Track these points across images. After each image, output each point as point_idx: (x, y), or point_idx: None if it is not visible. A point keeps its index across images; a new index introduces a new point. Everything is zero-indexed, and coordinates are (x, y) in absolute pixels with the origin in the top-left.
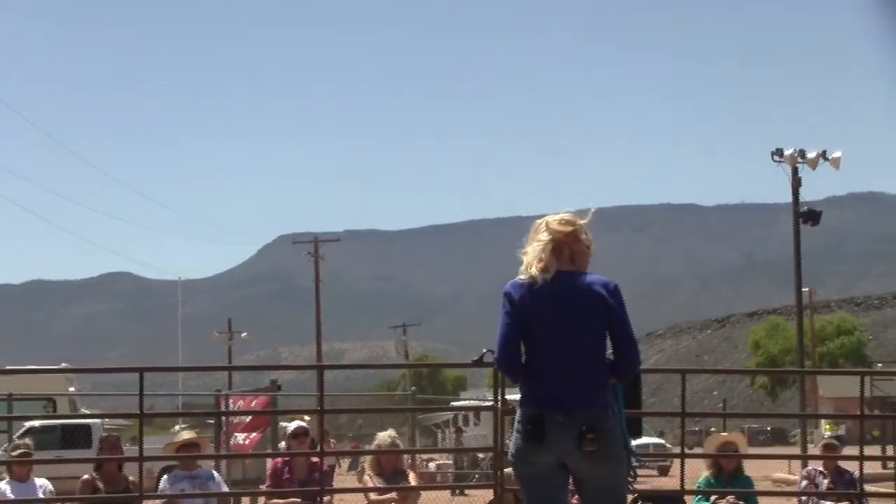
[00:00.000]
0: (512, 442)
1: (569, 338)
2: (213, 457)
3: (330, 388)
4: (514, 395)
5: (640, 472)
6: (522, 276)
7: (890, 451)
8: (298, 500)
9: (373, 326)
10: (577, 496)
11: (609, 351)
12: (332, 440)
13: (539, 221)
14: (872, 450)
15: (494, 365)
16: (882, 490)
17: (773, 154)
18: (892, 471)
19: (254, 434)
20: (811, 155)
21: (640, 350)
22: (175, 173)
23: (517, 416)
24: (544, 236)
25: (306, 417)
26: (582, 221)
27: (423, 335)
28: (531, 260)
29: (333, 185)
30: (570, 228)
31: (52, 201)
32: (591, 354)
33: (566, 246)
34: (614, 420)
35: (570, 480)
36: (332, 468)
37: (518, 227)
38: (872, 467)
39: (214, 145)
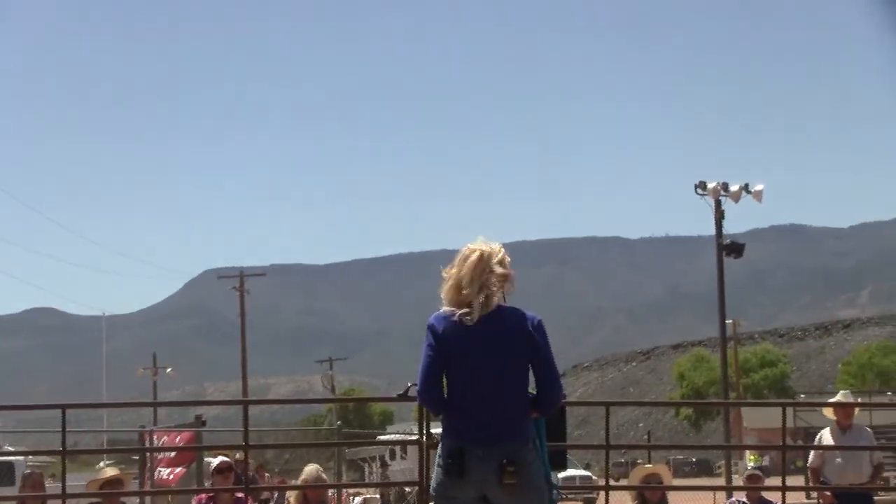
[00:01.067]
0: (434, 476)
1: (493, 372)
2: (136, 493)
3: (256, 423)
4: (439, 429)
5: None
6: (446, 309)
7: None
8: None
9: (298, 361)
10: None
11: (532, 385)
12: (266, 474)
13: (464, 251)
14: (795, 480)
15: (417, 398)
16: None
17: (696, 187)
18: (815, 501)
19: (178, 469)
20: (734, 188)
21: (562, 384)
22: (99, 207)
23: (439, 450)
24: (468, 267)
25: (238, 455)
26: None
27: (349, 369)
28: (454, 292)
29: (258, 219)
30: (493, 259)
31: None
32: (514, 389)
33: (490, 276)
34: (535, 453)
35: None
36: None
37: (444, 261)
38: (795, 497)
39: (139, 179)
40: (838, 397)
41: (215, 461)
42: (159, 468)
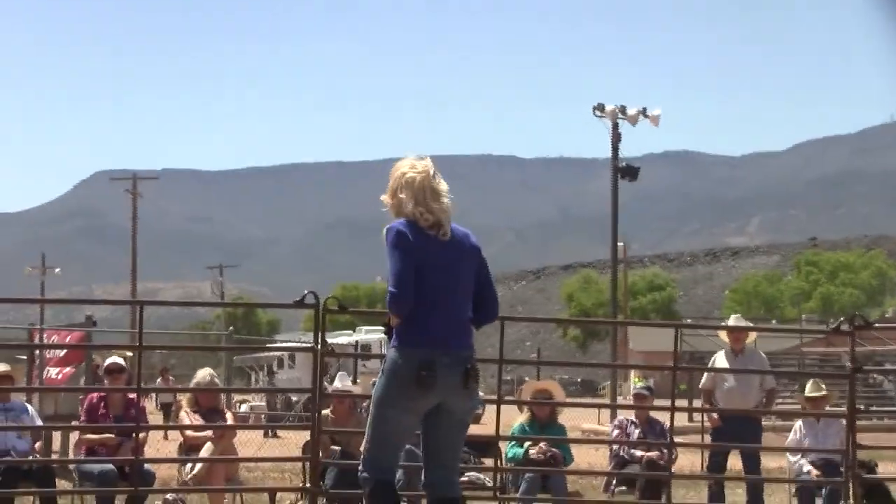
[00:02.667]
0: (386, 385)
1: (460, 285)
2: (26, 389)
3: (144, 327)
4: (334, 340)
5: None
6: (410, 220)
7: (696, 404)
8: (113, 435)
9: (188, 267)
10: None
11: None
12: (170, 377)
13: (406, 171)
14: (679, 403)
15: (388, 298)
16: (688, 442)
17: (594, 109)
18: (698, 423)
19: (67, 369)
20: (632, 111)
21: None
22: None
23: (394, 358)
24: (427, 183)
25: (128, 354)
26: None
27: (238, 277)
28: (417, 206)
29: (152, 123)
30: (438, 177)
31: None
32: (468, 302)
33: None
34: None
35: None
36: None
37: (337, 172)
38: (679, 420)
39: (33, 76)
40: (731, 321)
41: (106, 361)
42: (48, 367)
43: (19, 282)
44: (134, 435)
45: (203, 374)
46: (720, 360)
